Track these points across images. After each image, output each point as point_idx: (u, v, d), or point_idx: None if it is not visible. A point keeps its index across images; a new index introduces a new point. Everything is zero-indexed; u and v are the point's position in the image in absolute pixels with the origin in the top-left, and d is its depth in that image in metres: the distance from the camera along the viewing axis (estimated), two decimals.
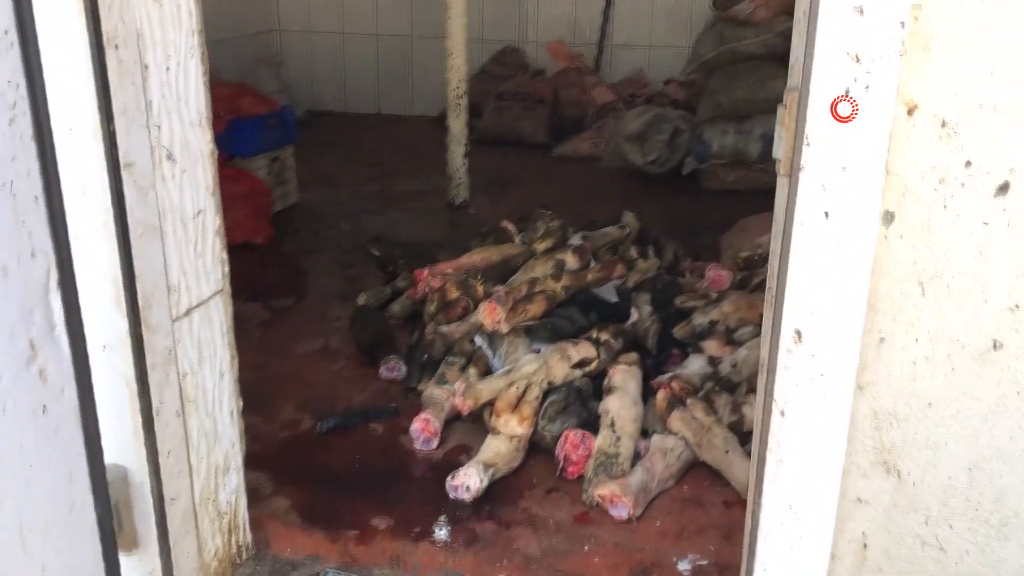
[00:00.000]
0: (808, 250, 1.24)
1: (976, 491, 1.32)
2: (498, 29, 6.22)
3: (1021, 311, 1.22)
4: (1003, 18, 1.11)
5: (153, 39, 1.51)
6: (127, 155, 1.48)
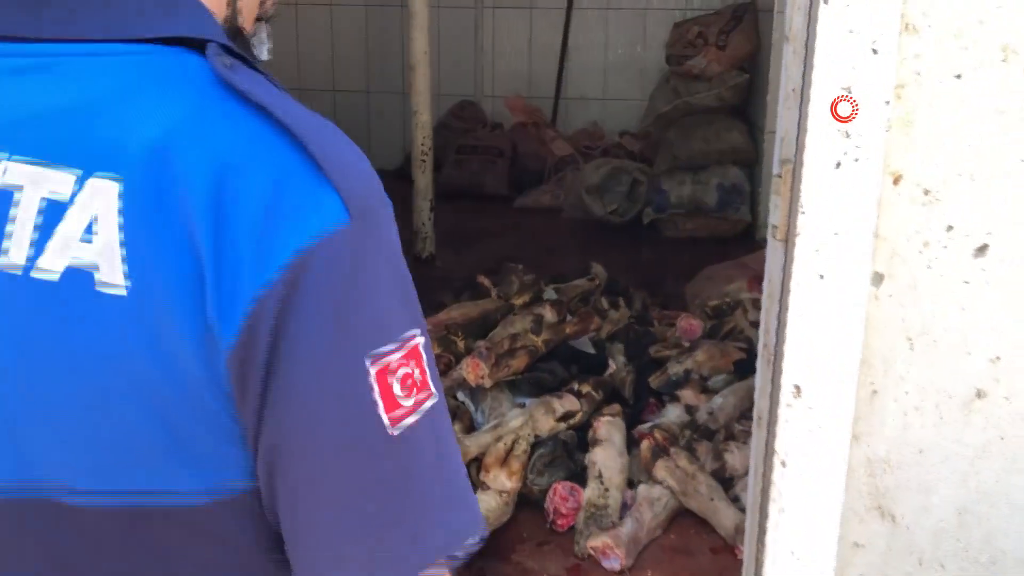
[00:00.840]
0: (804, 310, 1.32)
1: (966, 532, 1.40)
2: (455, 84, 6.34)
3: (1001, 362, 1.31)
4: (977, 95, 1.21)
5: None
6: None
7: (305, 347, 0.53)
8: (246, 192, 0.53)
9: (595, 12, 6.14)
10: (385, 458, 0.56)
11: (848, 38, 1.20)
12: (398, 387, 0.56)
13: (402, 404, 0.56)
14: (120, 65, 0.57)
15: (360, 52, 6.40)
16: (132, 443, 0.55)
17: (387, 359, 0.55)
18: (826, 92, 1.23)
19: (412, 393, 0.56)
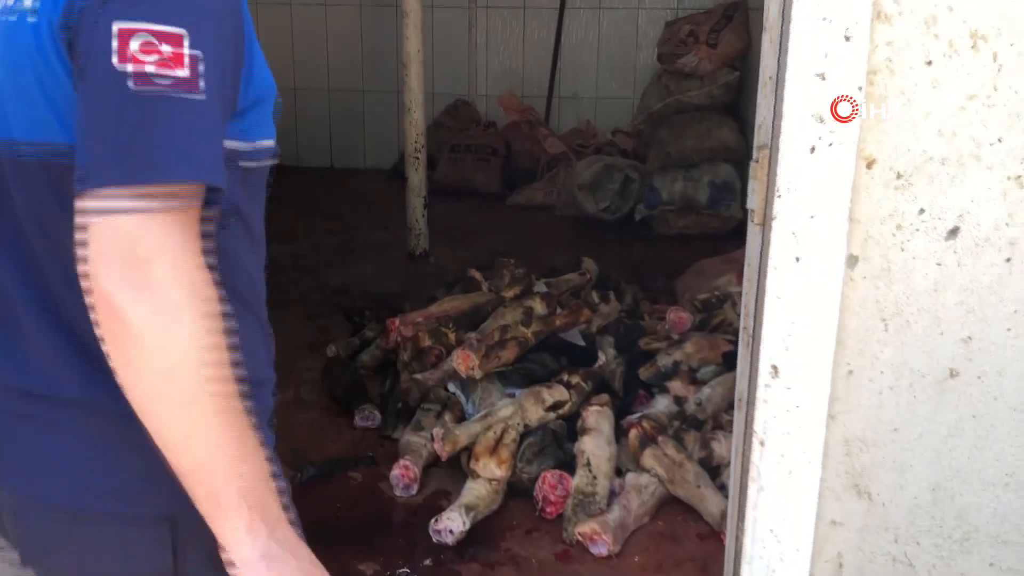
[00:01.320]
0: (781, 292, 1.35)
1: (940, 509, 1.43)
2: (449, 83, 6.38)
3: (973, 342, 1.35)
4: (947, 81, 1.25)
5: None
6: None
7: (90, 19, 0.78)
8: None
9: (588, 11, 6.18)
10: (114, 92, 0.77)
11: (821, 25, 1.24)
12: (136, 47, 0.77)
13: (138, 59, 0.77)
14: None
15: (355, 51, 6.43)
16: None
17: (145, 27, 0.77)
18: (800, 78, 1.26)
19: (152, 56, 0.77)
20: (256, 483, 0.83)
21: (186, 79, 0.78)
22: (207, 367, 0.79)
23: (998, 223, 1.30)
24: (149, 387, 0.78)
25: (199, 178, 0.80)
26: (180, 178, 0.79)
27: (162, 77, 0.77)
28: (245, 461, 0.82)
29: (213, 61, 0.80)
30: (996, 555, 1.44)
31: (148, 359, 0.77)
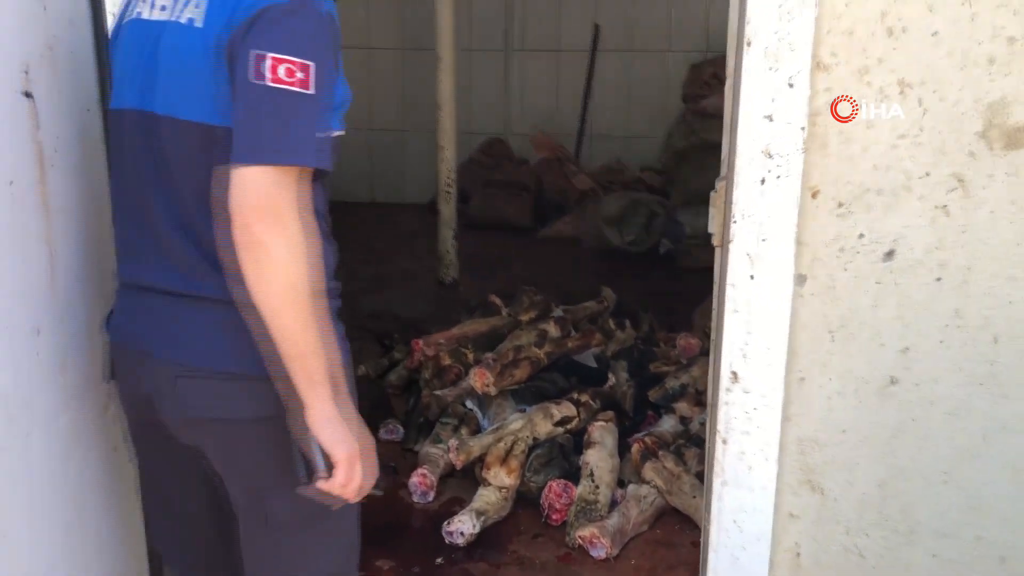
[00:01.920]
0: (739, 305, 1.53)
1: (886, 504, 1.59)
2: (485, 122, 6.65)
3: (910, 352, 1.51)
4: (878, 123, 1.43)
5: None
6: None
7: (248, 48, 1.15)
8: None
9: (618, 54, 6.43)
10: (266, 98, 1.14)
11: (768, 74, 1.43)
12: (282, 71, 1.14)
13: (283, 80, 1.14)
14: None
15: (396, 93, 6.74)
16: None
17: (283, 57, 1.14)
18: (751, 120, 1.46)
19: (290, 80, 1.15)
20: (334, 368, 1.21)
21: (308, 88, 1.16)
22: (308, 283, 1.16)
23: (929, 247, 1.47)
24: (278, 296, 1.15)
25: (319, 165, 1.19)
26: (307, 163, 1.18)
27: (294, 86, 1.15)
28: (328, 352, 1.20)
29: (322, 73, 1.17)
30: (938, 547, 1.59)
31: (280, 275, 1.14)
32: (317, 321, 1.18)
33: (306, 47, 1.16)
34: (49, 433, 1.37)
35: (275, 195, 1.13)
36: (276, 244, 1.13)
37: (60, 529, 1.43)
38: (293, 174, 1.16)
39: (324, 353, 1.19)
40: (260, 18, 1.16)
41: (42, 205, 1.29)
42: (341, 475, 1.21)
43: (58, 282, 1.36)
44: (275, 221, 1.12)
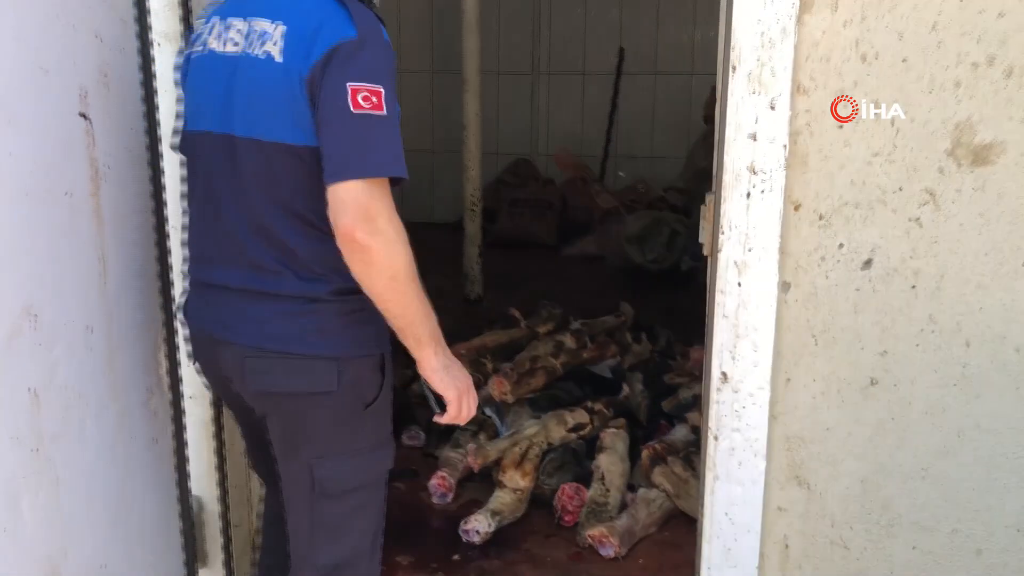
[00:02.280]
0: (728, 311, 1.65)
1: (868, 499, 1.69)
2: (512, 143, 6.81)
3: (888, 355, 1.62)
4: (855, 141, 1.55)
5: None
6: None
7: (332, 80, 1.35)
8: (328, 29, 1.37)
9: (643, 76, 6.57)
10: (354, 123, 1.35)
11: (752, 97, 1.56)
12: (360, 99, 1.35)
13: (362, 106, 1.35)
14: None
15: (426, 115, 6.93)
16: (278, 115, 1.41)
17: (361, 86, 1.36)
18: (737, 139, 1.58)
19: (368, 105, 1.36)
20: (435, 330, 1.50)
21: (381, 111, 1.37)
22: (410, 272, 1.40)
23: (904, 256, 1.58)
24: (384, 286, 1.39)
25: (400, 175, 1.40)
26: (392, 174, 1.39)
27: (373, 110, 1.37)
28: (429, 319, 1.48)
29: (391, 96, 1.39)
30: (918, 539, 1.68)
31: (383, 270, 1.38)
32: (417, 296, 1.43)
33: (375, 75, 1.38)
34: (100, 423, 1.52)
35: (368, 204, 1.35)
36: (375, 246, 1.35)
37: (109, 511, 1.58)
38: (381, 186, 1.37)
39: (425, 321, 1.46)
40: (336, 53, 1.36)
41: (95, 215, 1.45)
42: (453, 409, 1.56)
43: (107, 285, 1.52)
44: (371, 227, 1.35)
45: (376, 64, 1.39)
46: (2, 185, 1.22)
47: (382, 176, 1.37)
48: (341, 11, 1.39)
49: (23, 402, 1.28)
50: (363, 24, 1.39)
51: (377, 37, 1.41)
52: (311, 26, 1.39)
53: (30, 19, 1.30)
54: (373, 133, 1.37)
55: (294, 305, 1.46)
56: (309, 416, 1.53)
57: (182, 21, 1.80)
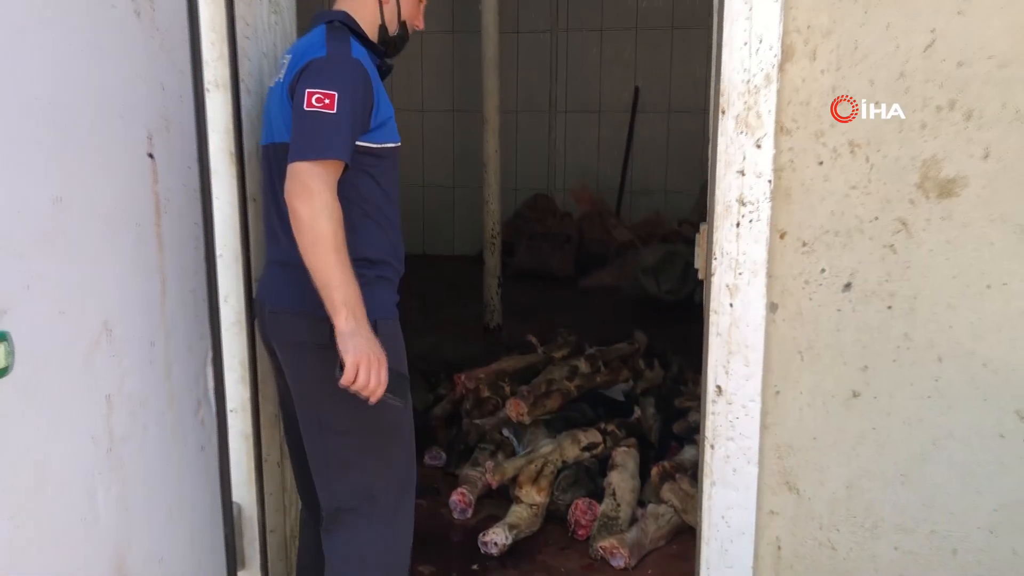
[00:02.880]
0: (721, 329, 1.82)
1: (853, 503, 1.83)
2: (531, 179, 7.03)
3: (868, 370, 1.78)
4: (834, 176, 1.72)
5: None
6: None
7: (299, 88, 1.71)
8: (308, 53, 1.75)
9: (657, 114, 6.78)
10: (306, 118, 1.68)
11: (739, 136, 1.74)
12: (314, 100, 1.67)
13: (314, 105, 1.67)
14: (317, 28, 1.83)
15: (447, 151, 7.17)
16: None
17: (316, 90, 1.68)
18: (726, 174, 1.76)
19: (320, 104, 1.67)
20: (350, 299, 1.67)
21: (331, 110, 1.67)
22: (332, 241, 1.65)
23: (880, 280, 1.75)
24: (307, 247, 1.65)
25: (336, 157, 1.68)
26: (329, 156, 1.67)
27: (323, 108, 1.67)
28: (346, 288, 1.66)
29: (346, 99, 1.69)
30: (899, 541, 1.83)
31: (307, 233, 1.64)
32: (335, 264, 1.65)
33: (332, 83, 1.69)
34: (159, 429, 1.71)
35: (307, 180, 1.65)
36: (304, 210, 1.64)
37: (166, 510, 1.76)
38: (322, 166, 1.66)
39: (340, 287, 1.66)
40: (307, 68, 1.72)
41: (157, 243, 1.65)
42: (348, 372, 1.67)
43: (166, 305, 1.71)
44: (305, 195, 1.65)
45: (335, 75, 1.70)
46: (88, 216, 1.42)
47: (320, 159, 1.66)
48: (323, 40, 1.76)
49: (100, 406, 1.47)
50: (333, 48, 1.74)
51: (343, 56, 1.74)
52: (301, 53, 1.78)
53: (111, 74, 1.51)
54: (320, 126, 1.67)
55: (302, 273, 1.71)
56: (310, 362, 1.83)
57: (230, 70, 2.01)
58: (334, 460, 1.89)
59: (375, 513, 1.91)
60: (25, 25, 1.29)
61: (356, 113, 1.71)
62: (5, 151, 1.25)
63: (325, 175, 1.66)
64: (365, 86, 1.74)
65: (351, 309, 1.67)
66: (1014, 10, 1.60)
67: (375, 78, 1.79)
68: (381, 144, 1.82)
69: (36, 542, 1.35)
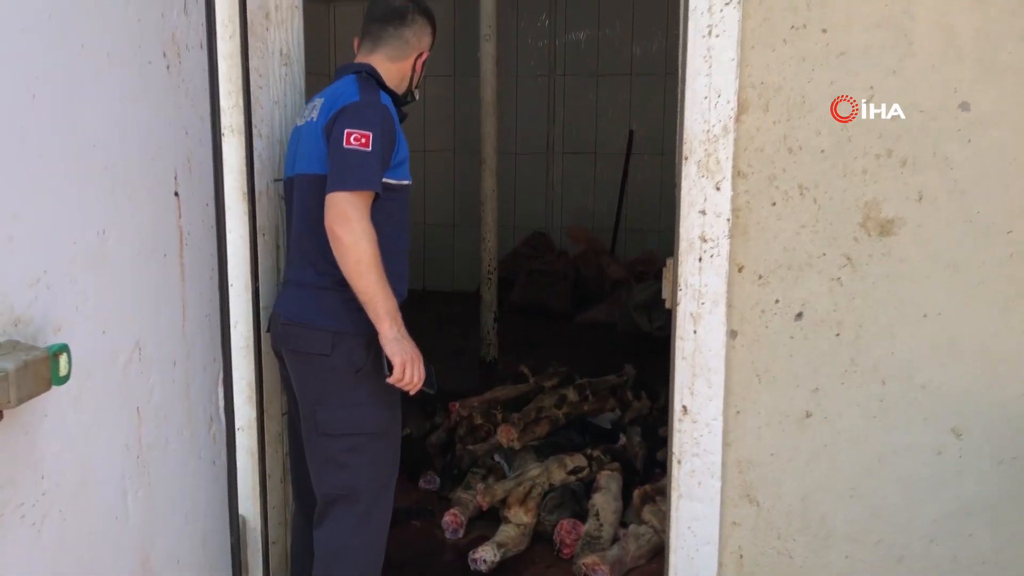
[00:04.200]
0: (686, 354, 2.00)
1: (808, 515, 2.00)
2: (529, 217, 7.25)
3: (820, 392, 1.96)
4: (786, 215, 1.92)
5: None
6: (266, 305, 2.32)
7: (337, 127, 1.99)
8: (343, 99, 2.04)
9: (651, 156, 7.01)
10: (344, 154, 1.96)
11: (700, 180, 1.94)
12: (352, 139, 1.96)
13: (352, 143, 1.95)
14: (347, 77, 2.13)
15: (448, 191, 7.40)
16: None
17: (353, 131, 1.96)
18: (690, 213, 1.95)
19: (357, 143, 1.96)
20: (392, 310, 1.97)
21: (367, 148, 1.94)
22: (372, 261, 1.92)
23: (828, 310, 1.93)
24: (351, 268, 1.92)
25: (371, 189, 1.96)
26: (365, 188, 1.94)
27: (360, 146, 1.94)
28: (388, 300, 1.96)
29: (377, 139, 1.96)
30: (850, 550, 1.99)
31: (350, 255, 1.92)
32: (377, 280, 1.93)
33: (367, 124, 1.96)
34: (179, 441, 1.89)
35: (345, 208, 1.91)
36: (346, 236, 1.90)
37: (182, 515, 1.93)
38: (359, 196, 1.93)
39: (384, 301, 1.95)
40: (343, 111, 1.99)
41: (180, 272, 1.84)
42: (398, 371, 1.99)
43: (186, 328, 1.90)
44: (346, 222, 1.90)
45: (369, 118, 1.97)
46: (126, 246, 1.62)
47: (358, 190, 1.92)
48: (355, 88, 2.04)
49: (132, 417, 1.65)
50: (366, 94, 2.02)
51: (375, 102, 2.01)
52: (335, 97, 2.05)
53: (147, 119, 1.72)
54: (357, 161, 1.93)
55: (310, 291, 2.04)
56: (311, 371, 2.09)
57: (244, 116, 2.22)
58: (327, 462, 2.13)
59: (357, 507, 2.13)
60: (84, 78, 1.50)
61: (385, 150, 1.99)
62: (67, 190, 1.45)
63: (361, 204, 1.92)
64: (391, 128, 2.02)
65: (393, 318, 1.97)
66: (942, 71, 1.81)
67: (396, 122, 2.08)
68: (398, 181, 2.10)
69: (78, 535, 1.53)
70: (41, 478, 1.42)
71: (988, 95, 1.79)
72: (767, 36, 1.88)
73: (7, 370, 1.22)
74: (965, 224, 1.84)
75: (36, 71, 1.37)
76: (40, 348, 1.31)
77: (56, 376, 1.33)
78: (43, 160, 1.39)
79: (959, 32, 1.79)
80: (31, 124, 1.36)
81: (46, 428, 1.42)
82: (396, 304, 1.99)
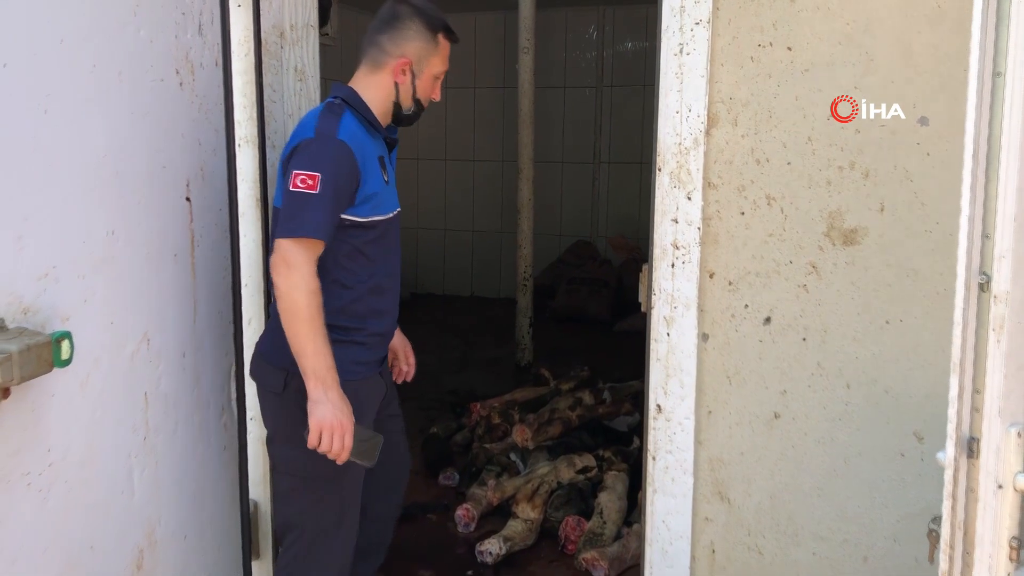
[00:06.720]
0: (660, 356, 2.10)
1: (776, 512, 2.08)
2: (575, 226, 7.36)
3: (787, 394, 2.04)
4: (754, 224, 2.00)
5: None
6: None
7: (290, 167, 1.86)
8: (300, 134, 1.92)
9: None
10: (291, 197, 1.84)
11: (672, 190, 2.04)
12: (299, 181, 1.83)
13: (299, 186, 1.82)
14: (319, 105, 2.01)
15: (496, 200, 7.57)
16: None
17: (301, 172, 1.83)
18: (663, 221, 2.05)
19: (304, 185, 1.82)
20: (319, 369, 1.81)
21: (314, 190, 1.81)
22: (305, 313, 1.79)
23: (795, 315, 2.01)
24: (284, 317, 1.80)
25: (313, 236, 1.82)
26: (306, 235, 1.81)
27: (306, 188, 1.81)
28: (317, 357, 1.81)
29: (328, 180, 1.83)
30: (816, 547, 2.06)
31: (283, 304, 1.79)
32: (308, 334, 1.80)
33: (316, 163, 1.83)
34: (188, 427, 2.07)
35: (286, 254, 1.80)
36: (282, 283, 1.80)
37: (190, 496, 2.11)
38: (301, 243, 1.81)
39: (311, 356, 1.80)
40: (296, 149, 1.88)
41: (192, 271, 2.02)
42: (312, 438, 1.82)
43: (197, 323, 2.08)
44: (284, 269, 1.80)
45: (319, 157, 1.84)
46: (135, 246, 1.80)
47: (299, 236, 1.80)
48: (314, 121, 1.90)
49: (139, 402, 1.84)
50: (322, 128, 1.88)
51: (329, 138, 1.86)
52: (300, 128, 1.95)
53: (158, 132, 1.90)
54: (300, 205, 1.81)
55: (274, 323, 1.94)
56: (267, 404, 2.02)
57: (258, 129, 2.40)
58: (278, 489, 2.08)
59: (300, 543, 2.05)
60: (91, 96, 1.69)
61: (340, 189, 1.85)
62: (77, 195, 1.64)
63: (303, 252, 1.80)
64: (350, 165, 1.86)
65: (320, 378, 1.80)
66: (901, 86, 1.88)
67: (367, 156, 1.91)
68: (366, 218, 1.94)
69: (85, 505, 1.71)
70: (47, 451, 1.60)
71: (946, 110, 1.85)
72: (735, 54, 1.97)
73: (11, 351, 1.40)
74: (925, 234, 1.90)
75: (48, 89, 1.56)
76: (44, 334, 1.50)
77: (58, 359, 1.50)
78: (53, 168, 1.57)
79: (917, 50, 1.85)
80: (42, 136, 1.55)
81: (53, 407, 1.60)
82: (330, 362, 1.82)
